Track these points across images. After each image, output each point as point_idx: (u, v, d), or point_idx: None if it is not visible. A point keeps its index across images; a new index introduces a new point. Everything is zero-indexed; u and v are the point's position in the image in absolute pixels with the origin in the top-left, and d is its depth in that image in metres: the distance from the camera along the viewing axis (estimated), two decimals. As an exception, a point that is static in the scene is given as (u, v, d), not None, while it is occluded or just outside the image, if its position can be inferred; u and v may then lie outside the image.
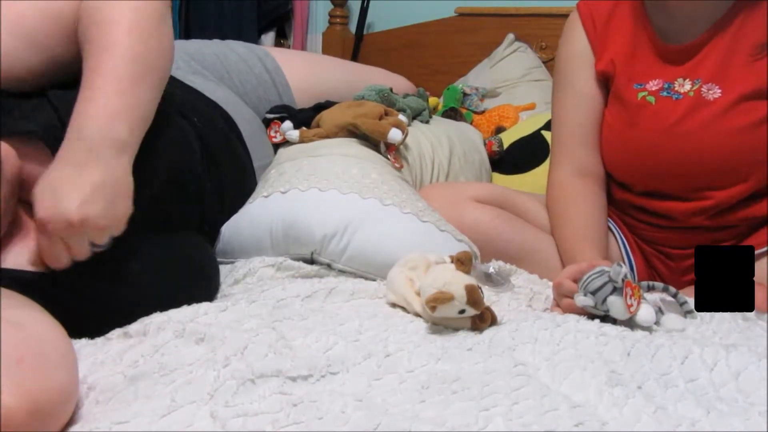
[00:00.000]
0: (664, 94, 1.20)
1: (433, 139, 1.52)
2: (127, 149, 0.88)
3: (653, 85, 1.21)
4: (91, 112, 0.86)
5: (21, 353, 0.65)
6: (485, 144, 1.69)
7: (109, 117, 0.86)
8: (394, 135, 1.32)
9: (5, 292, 0.77)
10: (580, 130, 1.28)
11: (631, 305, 0.93)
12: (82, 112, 0.86)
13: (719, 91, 1.15)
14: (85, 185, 0.82)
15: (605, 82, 1.28)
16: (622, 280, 0.94)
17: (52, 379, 0.66)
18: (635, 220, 1.29)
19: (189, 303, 0.93)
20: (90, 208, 0.81)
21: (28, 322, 0.71)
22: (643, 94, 1.21)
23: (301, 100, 1.56)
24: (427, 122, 1.61)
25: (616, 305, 0.94)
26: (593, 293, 0.96)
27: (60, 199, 0.81)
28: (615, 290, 0.95)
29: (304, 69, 1.62)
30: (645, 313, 0.94)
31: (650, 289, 1.05)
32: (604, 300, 0.95)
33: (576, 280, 0.99)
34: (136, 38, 0.92)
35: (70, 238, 0.82)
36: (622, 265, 0.96)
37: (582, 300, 0.96)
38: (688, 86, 1.18)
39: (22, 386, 0.62)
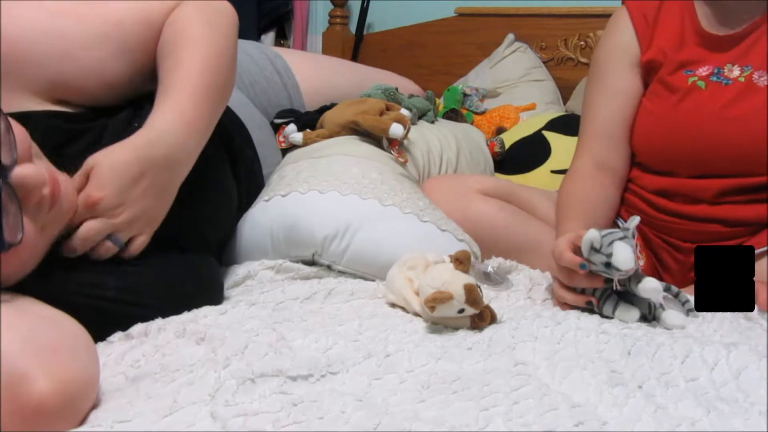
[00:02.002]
0: (714, 79, 1.22)
1: (440, 137, 1.52)
2: (190, 161, 0.96)
3: (703, 71, 1.23)
4: (168, 117, 0.93)
5: (56, 344, 0.68)
6: (487, 144, 1.69)
7: (184, 124, 0.94)
8: (396, 130, 1.31)
9: (29, 297, 0.80)
10: (607, 125, 1.29)
11: (639, 258, 0.91)
12: (159, 116, 0.93)
13: None
14: (140, 178, 0.89)
15: (648, 73, 1.28)
16: (633, 234, 0.93)
17: (82, 370, 0.70)
18: (656, 209, 1.28)
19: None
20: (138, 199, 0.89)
21: (59, 318, 0.74)
22: (693, 79, 1.23)
23: (311, 102, 1.55)
24: (432, 122, 1.61)
25: (621, 250, 0.91)
26: (602, 236, 0.93)
27: (113, 179, 0.87)
28: (624, 238, 0.93)
29: (314, 71, 1.62)
30: (650, 282, 0.92)
31: None
32: (611, 243, 0.92)
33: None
34: (213, 55, 1.00)
35: (96, 221, 0.87)
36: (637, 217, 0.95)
37: (592, 233, 0.93)
38: (737, 72, 1.21)
39: (57, 375, 0.65)
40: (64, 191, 0.86)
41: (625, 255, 0.91)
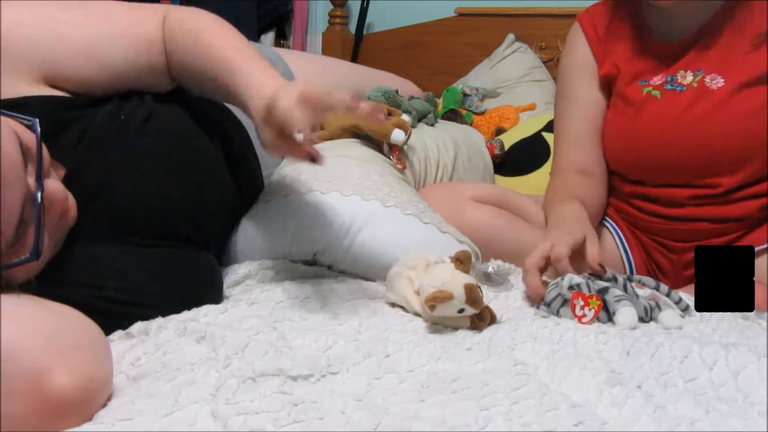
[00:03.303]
0: (668, 87, 1.24)
1: (438, 141, 1.52)
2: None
3: (657, 80, 1.25)
4: (261, 76, 0.94)
5: (77, 341, 0.71)
6: (487, 147, 1.69)
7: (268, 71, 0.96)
8: (397, 136, 1.32)
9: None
10: (578, 134, 1.32)
11: (583, 315, 0.94)
12: (254, 79, 0.94)
13: (722, 80, 1.20)
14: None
15: (608, 86, 1.31)
16: (569, 289, 0.96)
17: (101, 366, 0.72)
18: (640, 211, 1.30)
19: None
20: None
21: (77, 315, 0.76)
22: (648, 89, 1.25)
23: None
24: (432, 125, 1.61)
25: (566, 317, 0.95)
26: (548, 305, 0.98)
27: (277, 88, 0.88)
28: (565, 302, 0.96)
29: (315, 73, 1.61)
30: (622, 317, 0.93)
31: (641, 284, 1.04)
32: (558, 311, 0.97)
33: (542, 267, 1.03)
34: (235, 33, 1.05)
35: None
36: (573, 276, 0.98)
37: (539, 312, 0.98)
38: (690, 77, 1.22)
39: (79, 371, 0.68)
40: (71, 205, 0.91)
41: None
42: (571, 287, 0.96)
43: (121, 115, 1.00)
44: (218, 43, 1.01)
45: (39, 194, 0.81)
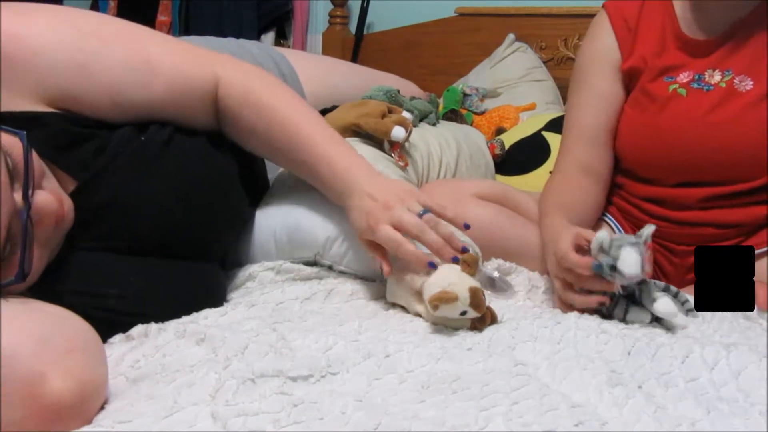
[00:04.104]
0: (695, 85, 1.21)
1: (441, 140, 1.51)
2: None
3: (684, 77, 1.22)
4: (354, 168, 1.03)
5: (71, 344, 0.71)
6: (488, 146, 1.69)
7: (360, 163, 1.04)
8: (397, 133, 1.31)
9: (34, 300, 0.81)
10: (590, 129, 1.29)
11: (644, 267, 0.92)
12: (344, 171, 1.02)
13: (751, 83, 1.18)
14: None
15: (630, 80, 1.28)
16: (645, 242, 0.93)
17: (95, 370, 0.72)
18: (645, 213, 1.29)
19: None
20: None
21: (71, 318, 0.76)
22: (674, 86, 1.22)
23: (313, 104, 1.53)
24: (434, 125, 1.61)
25: (628, 255, 0.91)
26: (607, 252, 0.93)
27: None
28: (636, 244, 0.92)
29: (317, 73, 1.60)
30: (663, 305, 0.92)
31: None
32: (621, 246, 0.92)
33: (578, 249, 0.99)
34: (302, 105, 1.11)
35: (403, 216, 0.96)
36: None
37: (602, 234, 0.94)
38: (717, 77, 1.20)
39: (72, 374, 0.68)
40: (68, 209, 0.89)
41: (631, 260, 0.91)
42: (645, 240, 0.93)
43: (141, 137, 0.98)
44: (302, 130, 1.04)
45: (25, 213, 0.79)
